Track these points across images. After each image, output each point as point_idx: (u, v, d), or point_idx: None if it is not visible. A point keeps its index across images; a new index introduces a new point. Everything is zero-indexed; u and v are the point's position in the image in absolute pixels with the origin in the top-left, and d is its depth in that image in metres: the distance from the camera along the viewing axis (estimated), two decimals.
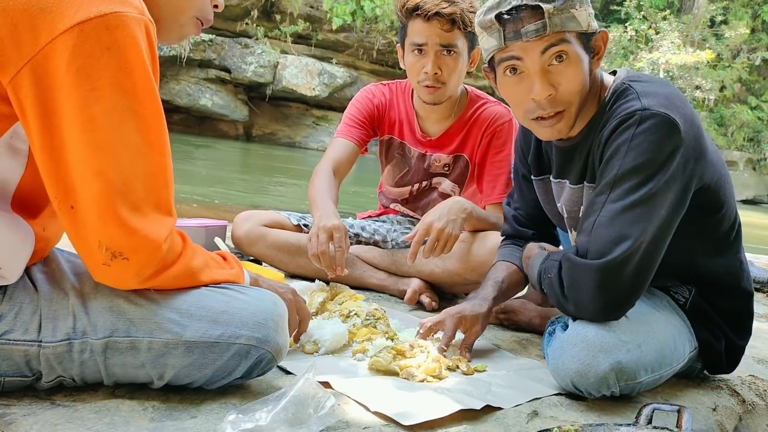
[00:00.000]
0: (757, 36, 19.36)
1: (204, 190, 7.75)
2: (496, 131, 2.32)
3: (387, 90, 2.48)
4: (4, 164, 1.12)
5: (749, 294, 1.67)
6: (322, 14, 15.77)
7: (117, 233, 1.07)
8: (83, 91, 1.03)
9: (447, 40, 2.15)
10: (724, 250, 1.62)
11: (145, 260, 1.11)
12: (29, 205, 1.17)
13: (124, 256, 1.09)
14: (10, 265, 1.15)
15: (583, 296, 1.43)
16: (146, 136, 1.09)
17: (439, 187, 2.46)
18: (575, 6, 1.47)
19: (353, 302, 1.85)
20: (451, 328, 1.67)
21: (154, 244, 1.11)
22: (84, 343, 1.17)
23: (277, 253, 2.35)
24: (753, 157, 18.63)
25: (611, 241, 1.41)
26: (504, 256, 1.90)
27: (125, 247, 1.08)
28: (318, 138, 16.06)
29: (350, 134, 2.41)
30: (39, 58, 1.01)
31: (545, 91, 1.50)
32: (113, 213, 1.06)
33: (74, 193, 1.06)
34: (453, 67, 2.19)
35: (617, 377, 1.41)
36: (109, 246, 1.08)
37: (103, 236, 1.07)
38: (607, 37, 1.56)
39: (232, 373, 1.25)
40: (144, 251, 1.10)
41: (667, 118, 1.41)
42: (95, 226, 1.07)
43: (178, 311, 1.20)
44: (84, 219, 1.07)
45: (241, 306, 1.24)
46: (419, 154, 2.43)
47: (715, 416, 1.56)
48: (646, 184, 1.41)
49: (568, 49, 1.48)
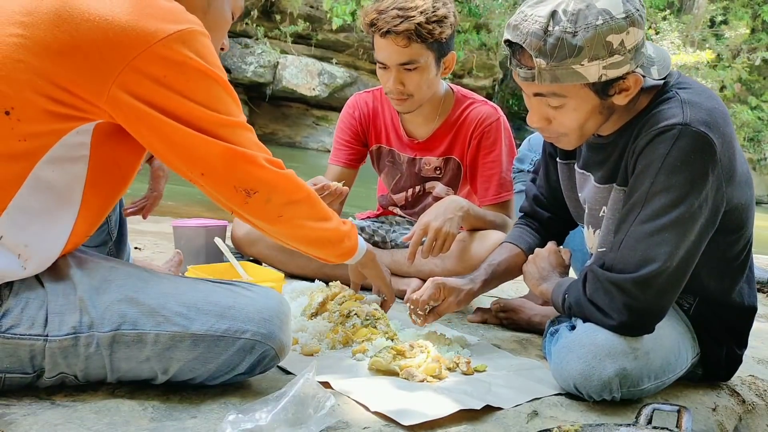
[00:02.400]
0: (757, 36, 19.34)
1: None
2: (485, 132, 2.28)
3: (371, 98, 2.45)
4: (69, 158, 1.19)
5: (753, 310, 1.65)
6: (322, 14, 15.75)
7: (245, 172, 1.22)
8: (182, 84, 1.16)
9: (405, 57, 2.08)
10: (734, 268, 1.59)
11: (273, 187, 1.27)
12: (93, 202, 1.25)
13: (255, 190, 1.24)
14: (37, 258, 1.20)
15: (606, 309, 1.43)
16: (233, 109, 1.24)
17: (433, 191, 2.44)
18: (580, 62, 1.36)
19: (353, 302, 1.84)
20: (429, 293, 1.70)
21: (276, 174, 1.27)
22: (90, 336, 1.18)
23: (277, 253, 2.35)
24: (753, 157, 18.61)
25: (637, 263, 1.40)
26: (511, 237, 1.88)
27: (255, 182, 1.24)
28: (318, 138, 16.04)
29: (341, 159, 2.44)
30: (128, 73, 1.12)
31: (537, 123, 1.51)
32: (238, 159, 1.21)
33: (200, 162, 1.21)
34: (417, 80, 2.13)
35: (621, 383, 1.41)
36: (241, 185, 1.23)
37: (235, 181, 1.23)
38: (639, 81, 1.43)
39: (235, 369, 1.26)
40: (270, 181, 1.26)
41: (705, 137, 1.37)
42: (226, 176, 1.22)
43: (186, 305, 1.23)
44: (216, 177, 1.22)
45: (248, 302, 1.27)
46: (408, 158, 2.40)
47: (715, 416, 1.56)
48: (677, 206, 1.38)
49: (562, 101, 1.43)
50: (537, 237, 1.88)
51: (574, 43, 1.35)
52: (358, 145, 2.45)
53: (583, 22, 1.35)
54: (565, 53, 1.36)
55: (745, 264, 1.62)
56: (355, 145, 2.45)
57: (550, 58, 1.37)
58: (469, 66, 15.72)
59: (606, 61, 1.37)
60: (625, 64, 1.40)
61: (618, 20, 1.35)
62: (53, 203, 1.20)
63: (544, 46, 1.36)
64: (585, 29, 1.34)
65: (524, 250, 1.83)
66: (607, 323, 1.43)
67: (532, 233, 1.88)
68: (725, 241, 1.54)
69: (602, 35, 1.35)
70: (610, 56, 1.37)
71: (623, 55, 1.38)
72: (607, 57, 1.37)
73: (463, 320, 2.09)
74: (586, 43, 1.35)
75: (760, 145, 18.80)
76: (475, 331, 1.97)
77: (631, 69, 1.41)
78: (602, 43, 1.35)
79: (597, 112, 1.47)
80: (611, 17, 1.35)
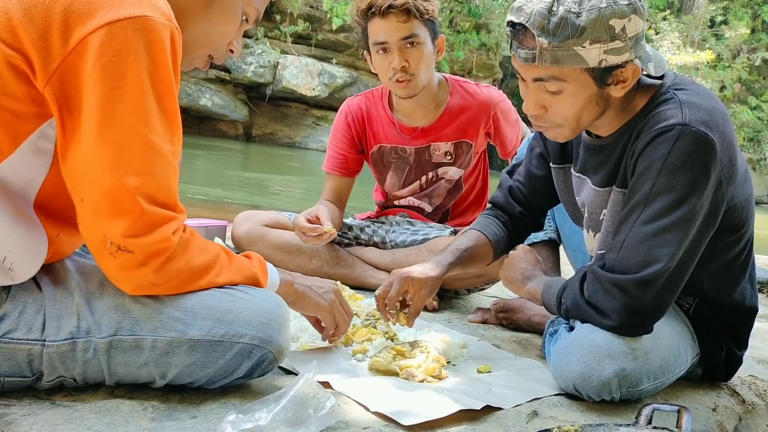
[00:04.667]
0: (757, 36, 19.34)
1: (204, 190, 7.75)
2: (501, 110, 2.40)
3: (363, 100, 2.47)
4: (29, 164, 1.14)
5: (754, 310, 1.65)
6: (322, 14, 15.75)
7: (125, 227, 1.10)
8: (107, 88, 1.07)
9: (406, 31, 2.17)
10: (734, 268, 1.59)
11: (152, 252, 1.13)
12: (50, 208, 1.19)
13: (128, 249, 1.11)
14: (23, 265, 1.16)
15: (605, 310, 1.42)
16: (162, 136, 1.12)
17: (446, 176, 2.46)
18: (582, 44, 1.36)
19: (353, 302, 1.84)
20: (397, 289, 1.62)
21: (162, 237, 1.13)
22: (88, 342, 1.17)
23: (277, 252, 2.35)
24: (753, 157, 18.61)
25: (639, 264, 1.39)
26: (479, 225, 1.84)
27: (131, 241, 1.11)
28: (318, 138, 16.03)
29: (338, 167, 2.46)
30: (72, 57, 1.05)
31: (532, 110, 1.50)
32: (124, 207, 1.10)
33: (84, 186, 1.10)
34: (419, 57, 2.20)
35: (620, 384, 1.41)
36: (114, 240, 1.11)
37: (108, 230, 1.10)
38: (637, 71, 1.43)
39: (233, 373, 1.25)
40: (152, 245, 1.12)
41: (705, 137, 1.37)
42: (102, 220, 1.10)
43: (183, 310, 1.21)
44: (92, 211, 1.11)
45: (245, 306, 1.25)
46: (416, 148, 2.42)
47: (715, 416, 1.56)
48: (678, 207, 1.38)
49: (560, 86, 1.43)
50: (503, 229, 1.83)
51: (577, 23, 1.35)
52: (354, 153, 2.47)
53: (588, 4, 1.36)
54: (568, 33, 1.36)
55: (746, 264, 1.61)
56: (351, 153, 2.46)
57: (553, 37, 1.37)
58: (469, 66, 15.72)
59: (607, 45, 1.37)
60: (625, 52, 1.40)
61: (621, 5, 1.36)
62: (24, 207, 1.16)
63: (548, 25, 1.37)
64: (589, 10, 1.35)
65: (491, 241, 1.79)
66: (606, 324, 1.42)
67: (500, 226, 1.83)
68: (725, 241, 1.53)
69: (605, 18, 1.36)
70: (611, 41, 1.37)
71: (624, 41, 1.39)
72: (609, 41, 1.37)
73: (463, 320, 2.09)
74: (590, 24, 1.35)
75: (760, 145, 18.80)
76: (475, 331, 1.97)
77: (630, 58, 1.41)
78: (605, 26, 1.36)
79: (594, 102, 1.46)
80: (615, 2, 1.36)
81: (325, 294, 1.49)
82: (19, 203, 1.15)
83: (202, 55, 1.32)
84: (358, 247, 2.45)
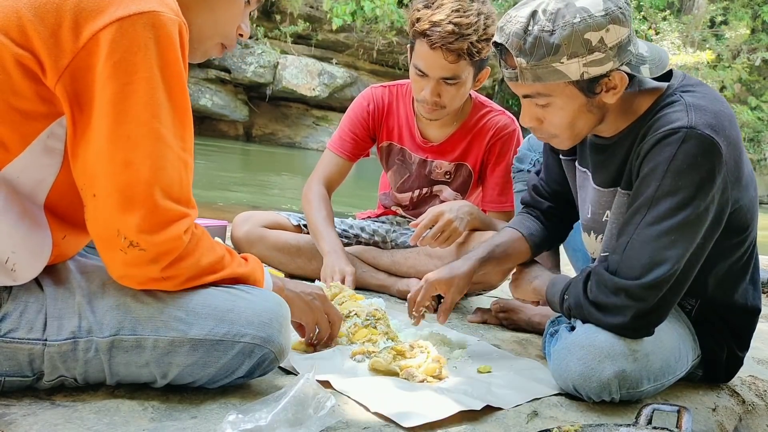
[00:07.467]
0: (757, 36, 19.34)
1: (204, 190, 7.75)
2: (500, 140, 2.31)
3: (387, 93, 2.43)
4: (40, 163, 1.14)
5: (756, 312, 1.65)
6: (322, 14, 15.76)
7: (139, 221, 1.10)
8: (119, 85, 1.07)
9: (450, 72, 2.07)
10: (737, 270, 1.59)
11: (164, 250, 1.13)
12: (60, 209, 1.20)
13: (140, 246, 1.12)
14: (25, 266, 1.16)
15: (608, 311, 1.42)
16: (174, 131, 1.13)
17: (440, 195, 2.43)
18: (559, 60, 1.37)
19: (353, 302, 1.84)
20: (423, 294, 1.71)
21: (173, 235, 1.13)
22: (89, 341, 1.17)
23: (276, 254, 2.35)
24: (753, 158, 18.61)
25: (644, 267, 1.39)
26: (512, 223, 1.87)
27: (144, 238, 1.11)
28: (318, 138, 16.04)
29: (342, 149, 2.41)
30: (82, 54, 1.06)
31: (528, 123, 1.52)
32: (138, 202, 1.10)
33: (96, 182, 1.11)
34: (454, 94, 2.13)
35: (620, 385, 1.41)
36: (128, 235, 1.11)
37: (122, 225, 1.11)
38: (624, 79, 1.43)
39: (234, 372, 1.25)
40: (164, 243, 1.13)
41: (711, 140, 1.37)
42: (115, 215, 1.11)
43: (185, 309, 1.21)
44: (105, 206, 1.11)
45: (247, 305, 1.25)
46: (420, 160, 2.39)
47: (715, 417, 1.56)
48: (683, 209, 1.38)
49: (548, 100, 1.44)
50: (538, 223, 1.84)
51: (551, 41, 1.37)
52: (365, 140, 2.43)
53: (561, 21, 1.36)
54: (543, 52, 1.38)
55: (749, 265, 1.61)
56: (362, 139, 2.42)
57: (530, 56, 1.39)
58: None
59: (585, 58, 1.38)
60: (608, 62, 1.40)
61: (597, 18, 1.37)
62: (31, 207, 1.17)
63: (524, 45, 1.39)
64: (562, 27, 1.36)
65: (525, 235, 1.79)
66: (609, 324, 1.42)
67: (533, 219, 1.85)
68: (730, 243, 1.53)
69: (580, 33, 1.36)
70: (589, 54, 1.38)
71: (604, 52, 1.39)
72: (587, 54, 1.38)
73: (463, 320, 2.09)
74: (563, 41, 1.36)
75: (760, 145, 18.81)
76: (475, 331, 1.97)
77: (614, 66, 1.41)
78: (580, 40, 1.37)
79: (586, 110, 1.47)
80: (589, 15, 1.36)
81: (311, 301, 1.51)
82: (28, 204, 1.16)
83: (214, 45, 1.34)
84: (358, 246, 2.45)
